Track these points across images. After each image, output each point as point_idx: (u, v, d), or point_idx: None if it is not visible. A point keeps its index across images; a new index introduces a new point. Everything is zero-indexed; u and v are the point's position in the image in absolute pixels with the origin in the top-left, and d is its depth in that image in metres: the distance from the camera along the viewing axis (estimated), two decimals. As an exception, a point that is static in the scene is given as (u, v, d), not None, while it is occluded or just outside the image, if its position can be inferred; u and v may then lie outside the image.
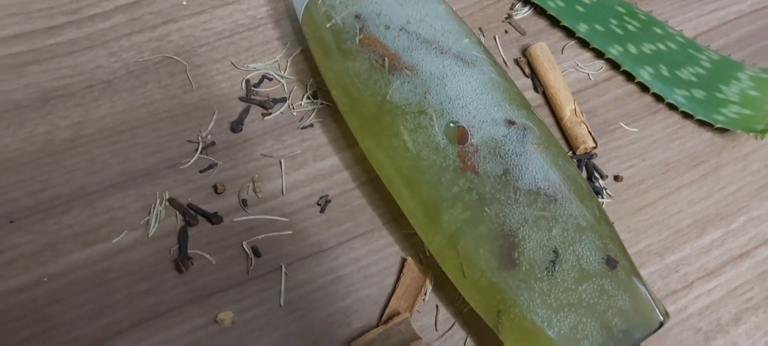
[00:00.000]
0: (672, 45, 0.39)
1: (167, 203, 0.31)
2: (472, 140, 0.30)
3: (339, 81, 0.32)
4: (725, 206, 0.36)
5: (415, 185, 0.30)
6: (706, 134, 0.38)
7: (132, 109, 0.33)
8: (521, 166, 0.30)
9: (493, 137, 0.30)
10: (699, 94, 0.38)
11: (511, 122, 0.31)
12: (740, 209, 0.36)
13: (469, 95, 0.31)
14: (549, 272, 0.28)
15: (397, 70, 0.31)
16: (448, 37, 0.32)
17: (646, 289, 0.29)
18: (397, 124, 0.30)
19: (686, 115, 0.38)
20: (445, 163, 0.29)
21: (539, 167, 0.30)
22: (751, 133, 0.37)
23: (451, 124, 0.30)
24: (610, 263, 0.29)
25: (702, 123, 0.38)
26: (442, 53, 0.31)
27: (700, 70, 0.38)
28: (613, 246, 0.29)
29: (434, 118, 0.30)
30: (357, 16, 0.31)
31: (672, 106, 0.38)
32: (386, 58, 0.31)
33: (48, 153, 0.31)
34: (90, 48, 0.34)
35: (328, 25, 0.32)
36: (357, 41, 0.31)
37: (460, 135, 0.30)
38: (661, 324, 0.28)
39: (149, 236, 0.30)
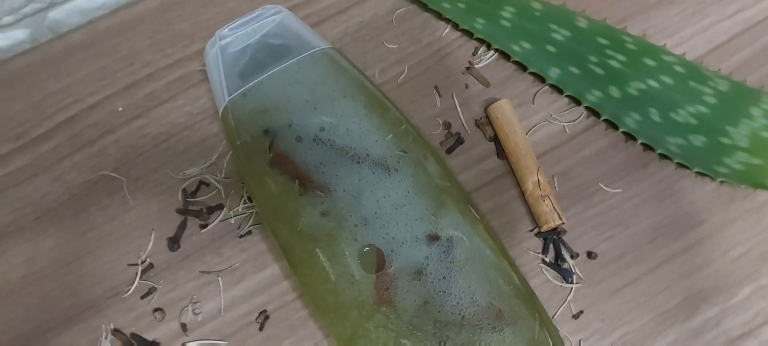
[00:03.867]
0: (667, 79, 0.34)
1: (112, 336, 0.33)
2: (389, 270, 0.29)
3: (256, 199, 0.32)
4: (727, 276, 0.32)
5: (333, 317, 0.29)
6: (711, 185, 0.34)
7: (76, 237, 0.35)
8: (444, 291, 0.28)
9: (413, 262, 0.29)
10: (698, 141, 0.33)
11: (434, 238, 0.29)
12: (746, 277, 0.32)
13: (388, 211, 0.29)
14: (473, 412, 0.27)
15: (309, 192, 0.30)
16: (366, 139, 0.31)
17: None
18: (313, 252, 0.30)
19: (684, 166, 0.34)
20: (359, 297, 0.29)
21: (465, 290, 0.28)
22: (758, 190, 0.32)
23: (366, 249, 0.29)
24: (547, 395, 0.27)
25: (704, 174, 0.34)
26: (358, 163, 0.30)
27: (703, 109, 0.33)
28: (556, 371, 0.28)
29: (347, 247, 0.29)
30: (266, 132, 0.31)
31: (666, 156, 0.34)
32: (297, 179, 0.30)
33: (6, 293, 0.34)
34: (36, 175, 0.37)
35: (238, 143, 0.31)
36: (267, 160, 0.30)
37: (377, 261, 0.29)
38: None
39: (98, 371, 0.33)
